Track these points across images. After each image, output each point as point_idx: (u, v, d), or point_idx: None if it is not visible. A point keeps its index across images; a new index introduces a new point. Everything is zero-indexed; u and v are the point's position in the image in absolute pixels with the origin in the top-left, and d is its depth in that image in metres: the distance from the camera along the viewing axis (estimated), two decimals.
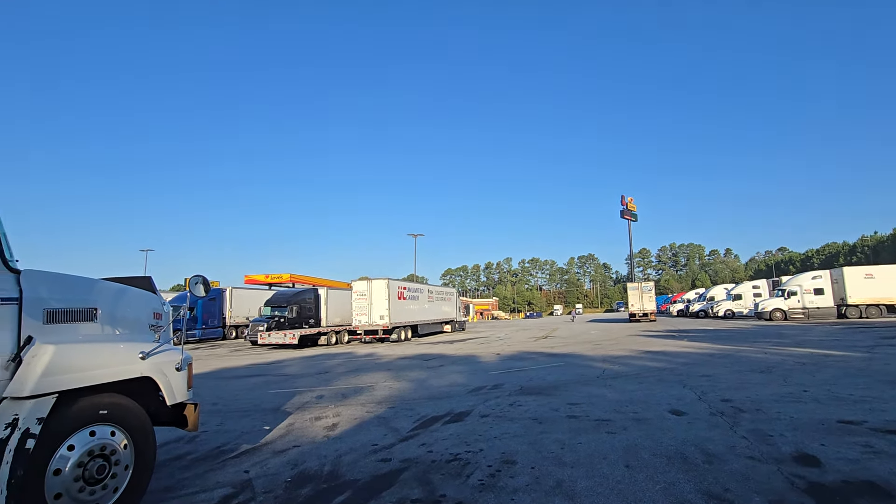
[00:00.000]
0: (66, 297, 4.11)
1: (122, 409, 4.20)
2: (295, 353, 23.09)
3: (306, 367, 16.90)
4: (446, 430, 7.15)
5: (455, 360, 17.36)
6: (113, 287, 4.72)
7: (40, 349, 3.69)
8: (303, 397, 10.60)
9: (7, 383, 3.54)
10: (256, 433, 7.43)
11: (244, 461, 6.00)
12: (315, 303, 31.34)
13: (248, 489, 5.03)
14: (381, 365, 16.83)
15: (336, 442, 6.75)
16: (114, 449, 4.07)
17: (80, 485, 3.81)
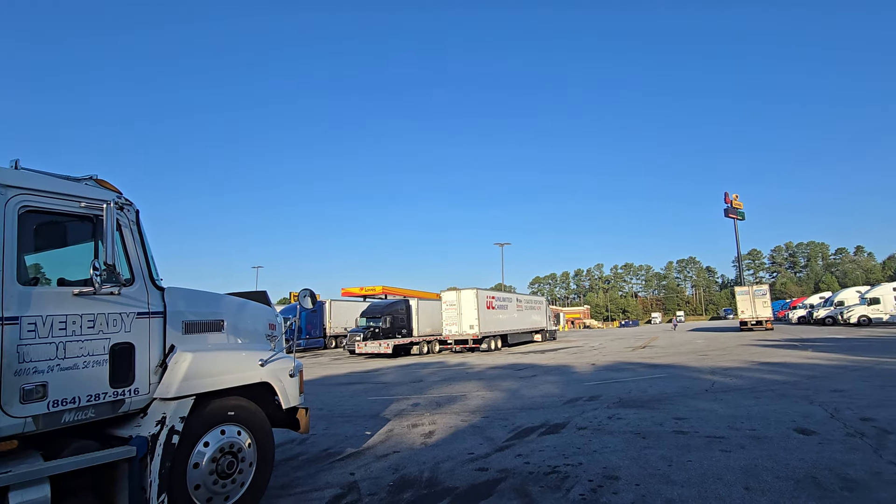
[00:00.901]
0: (198, 311, 4.67)
1: (246, 411, 4.67)
2: (390, 362, 23.98)
3: (401, 376, 17.47)
4: (542, 442, 7.02)
5: (547, 370, 16.98)
6: (235, 301, 5.28)
7: (181, 356, 4.23)
8: (399, 405, 10.97)
9: (156, 386, 4.10)
10: (359, 438, 7.82)
11: (349, 464, 6.35)
12: (407, 313, 32.38)
13: (355, 491, 5.31)
14: (472, 374, 16.94)
15: (433, 449, 6.90)
16: (240, 447, 4.52)
17: (214, 478, 4.28)
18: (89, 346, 3.68)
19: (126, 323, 3.93)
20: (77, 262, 4.26)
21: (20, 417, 3.26)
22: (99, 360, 3.72)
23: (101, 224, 3.82)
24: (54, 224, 3.96)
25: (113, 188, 4.11)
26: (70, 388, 3.54)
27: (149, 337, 4.09)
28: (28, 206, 3.49)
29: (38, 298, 3.47)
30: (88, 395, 3.64)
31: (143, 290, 4.10)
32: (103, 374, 3.74)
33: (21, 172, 3.60)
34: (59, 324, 3.53)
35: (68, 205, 3.71)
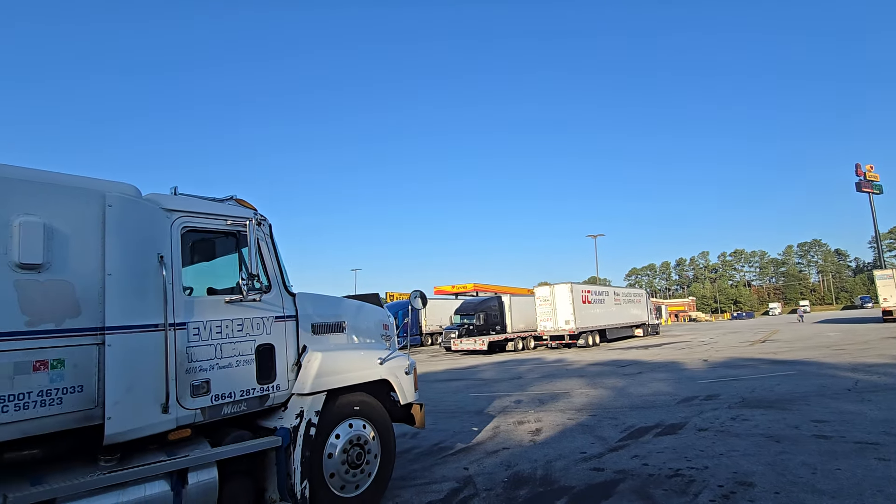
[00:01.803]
0: (323, 313, 5.07)
1: (369, 407, 4.99)
2: (486, 359, 24.18)
3: (500, 373, 17.54)
4: (660, 443, 6.69)
5: (654, 367, 16.09)
6: (354, 303, 5.66)
7: (312, 356, 4.63)
8: (502, 401, 11.04)
9: (294, 383, 4.53)
10: (467, 434, 8.00)
11: (461, 459, 6.53)
12: (500, 310, 32.42)
13: (471, 485, 5.45)
14: (572, 371, 16.54)
15: (543, 447, 6.87)
16: (367, 439, 4.85)
17: (346, 468, 4.63)
18: (240, 346, 4.16)
19: (267, 326, 4.38)
20: (221, 272, 4.84)
21: (192, 409, 3.77)
22: (248, 360, 4.19)
23: (244, 238, 4.30)
24: (205, 240, 4.52)
25: (250, 206, 4.61)
26: (227, 384, 4.03)
27: (285, 338, 4.53)
28: (188, 226, 4.03)
29: (199, 306, 3.99)
30: (241, 390, 4.12)
31: (279, 296, 4.54)
32: (251, 372, 4.21)
33: (181, 198, 4.17)
34: (216, 328, 4.03)
35: (217, 223, 4.22)
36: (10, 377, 2.97)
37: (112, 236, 3.46)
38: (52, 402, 3.12)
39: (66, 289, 3.26)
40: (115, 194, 3.54)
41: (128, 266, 3.51)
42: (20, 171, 3.24)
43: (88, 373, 3.29)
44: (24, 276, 3.10)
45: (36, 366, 3.07)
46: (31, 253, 3.11)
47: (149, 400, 3.50)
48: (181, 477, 3.64)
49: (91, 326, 3.32)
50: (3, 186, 3.11)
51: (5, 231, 3.07)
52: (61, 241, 3.27)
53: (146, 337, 3.54)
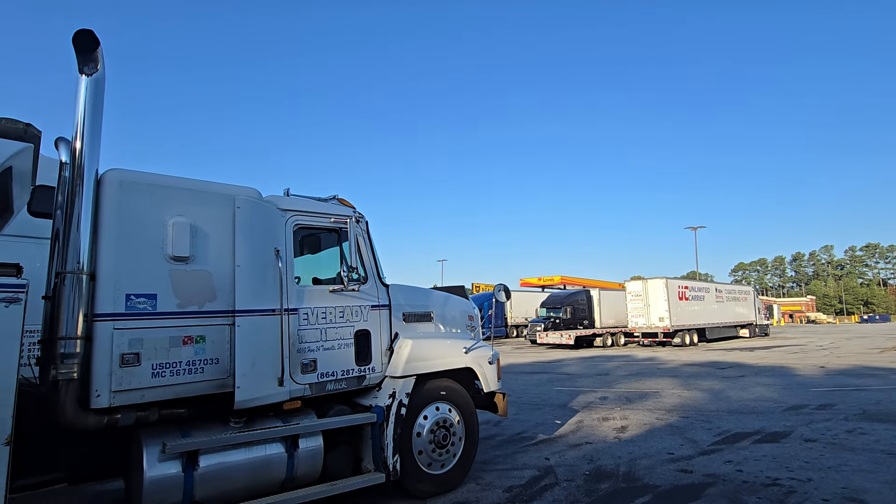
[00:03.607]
0: (413, 303, 5.46)
1: (454, 392, 5.31)
2: (572, 354, 23.76)
3: (585, 368, 17.23)
4: (758, 450, 6.32)
5: (759, 371, 14.88)
6: (441, 295, 6.01)
7: (403, 342, 5.03)
8: (587, 397, 10.92)
9: (387, 366, 4.96)
10: (549, 426, 8.09)
11: (543, 449, 6.66)
12: (588, 304, 31.55)
13: (551, 475, 5.59)
14: (664, 370, 15.80)
15: (628, 445, 6.79)
16: (451, 422, 5.18)
17: (433, 447, 4.99)
18: (341, 331, 4.66)
19: (364, 314, 4.85)
20: (325, 264, 5.40)
21: (302, 384, 4.32)
22: (348, 343, 4.69)
23: (345, 234, 4.78)
24: (312, 236, 5.08)
25: (350, 205, 5.10)
26: (330, 364, 4.54)
27: (380, 325, 4.97)
28: (298, 223, 4.58)
29: (307, 294, 4.53)
30: (342, 370, 4.63)
31: (374, 287, 4.99)
32: (350, 355, 4.70)
33: (293, 198, 4.75)
34: (322, 314, 4.55)
35: (322, 221, 4.74)
36: (166, 349, 3.65)
37: (240, 233, 4.07)
38: (196, 371, 3.78)
39: (206, 277, 3.90)
40: (243, 197, 4.14)
41: (252, 258, 4.10)
42: (172, 180, 3.93)
43: (222, 348, 3.92)
44: (176, 267, 3.78)
45: (185, 340, 3.74)
46: (181, 247, 3.78)
47: (268, 374, 4.08)
48: (294, 442, 4.22)
49: (225, 309, 3.95)
50: (161, 193, 3.80)
51: (162, 230, 3.76)
52: (202, 238, 3.92)
53: (266, 320, 4.12)
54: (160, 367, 3.62)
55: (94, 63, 3.50)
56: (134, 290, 3.58)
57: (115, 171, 3.70)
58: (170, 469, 3.58)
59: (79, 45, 3.45)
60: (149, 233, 3.70)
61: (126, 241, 3.60)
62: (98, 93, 3.56)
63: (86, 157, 3.48)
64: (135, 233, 3.65)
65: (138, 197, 3.71)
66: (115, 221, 3.59)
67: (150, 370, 3.58)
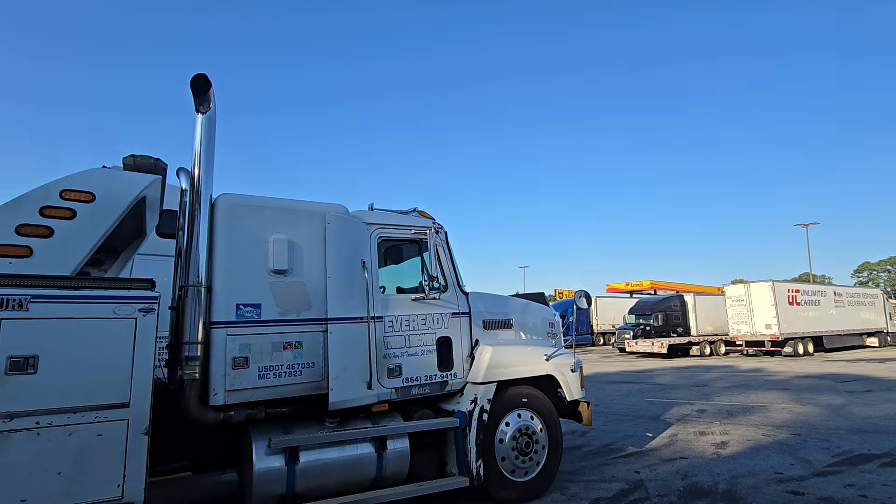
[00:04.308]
0: (492, 311, 5.54)
1: (536, 399, 5.30)
2: (664, 363, 22.38)
3: (680, 378, 16.17)
4: (888, 474, 5.60)
5: (891, 386, 13.06)
6: (520, 302, 6.03)
7: (484, 349, 5.13)
8: (682, 409, 10.28)
9: (468, 372, 5.08)
10: (640, 438, 7.74)
11: (633, 462, 6.40)
12: (682, 310, 29.54)
13: (642, 488, 5.36)
14: (772, 383, 14.39)
15: (728, 462, 6.31)
16: (534, 430, 5.17)
17: (516, 454, 5.02)
18: (423, 338, 4.86)
19: (445, 321, 5.02)
20: (407, 274, 5.65)
21: (388, 388, 4.57)
22: (430, 350, 4.88)
23: (425, 245, 5.00)
24: (394, 247, 5.36)
25: (429, 216, 5.31)
26: (414, 369, 4.75)
27: (461, 332, 5.12)
28: (382, 235, 4.87)
29: (391, 302, 4.79)
30: (426, 375, 4.82)
31: (454, 295, 5.15)
32: (433, 361, 4.88)
33: (376, 212, 5.06)
34: (405, 321, 4.78)
35: (404, 232, 5.00)
36: (269, 353, 4.06)
37: (330, 247, 4.42)
38: (295, 373, 4.16)
39: (302, 288, 4.29)
40: (332, 214, 4.50)
41: (341, 270, 4.44)
42: (272, 201, 4.38)
43: (317, 353, 4.27)
44: (276, 279, 4.19)
45: (285, 345, 4.13)
46: (280, 261, 4.20)
47: (357, 378, 4.36)
48: (382, 443, 4.46)
49: (318, 317, 4.30)
50: (263, 213, 4.26)
51: (264, 246, 4.19)
52: (298, 252, 4.32)
53: (355, 327, 4.42)
54: (265, 369, 4.03)
55: (207, 103, 4.03)
56: (242, 301, 4.02)
57: (225, 195, 4.21)
58: (275, 463, 3.96)
59: (195, 87, 3.99)
60: (253, 249, 4.15)
61: (235, 257, 4.07)
62: (211, 128, 4.08)
63: (202, 184, 4.00)
64: (242, 249, 4.11)
65: (244, 218, 4.18)
66: (226, 240, 4.07)
67: (256, 372, 3.99)
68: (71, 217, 3.53)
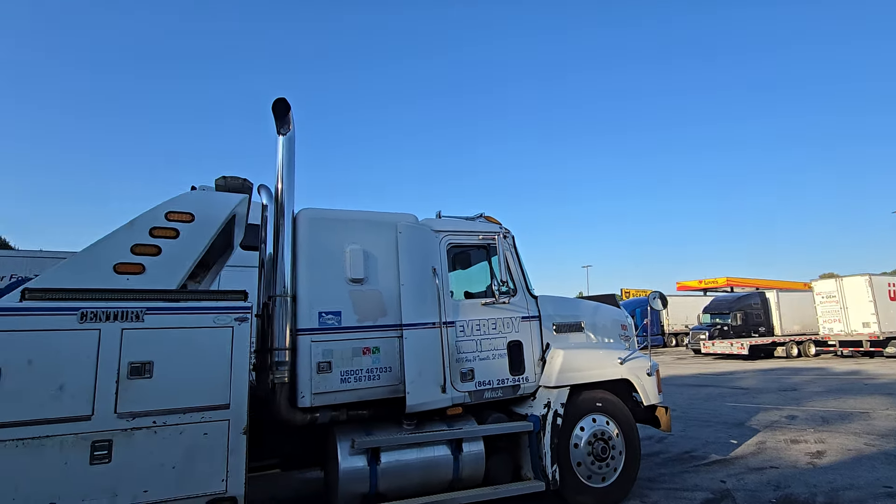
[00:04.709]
0: (562, 314, 5.49)
1: (611, 404, 5.19)
2: (746, 365, 20.96)
3: (764, 382, 15.09)
4: None
5: None
6: (590, 304, 5.93)
7: (555, 353, 5.09)
8: (768, 415, 9.61)
9: (540, 376, 5.07)
10: (723, 445, 7.33)
11: (717, 470, 6.08)
12: (763, 307, 27.51)
13: (729, 499, 5.09)
14: (874, 387, 13.10)
15: (826, 472, 5.85)
16: (610, 435, 5.06)
17: (591, 459, 4.93)
18: (494, 342, 4.91)
19: (515, 325, 5.04)
20: (475, 278, 5.72)
21: (462, 392, 4.66)
22: (501, 354, 4.92)
23: (493, 250, 5.05)
24: (462, 252, 5.45)
25: (496, 221, 5.37)
26: (486, 373, 4.81)
27: (531, 336, 5.11)
28: (451, 242, 4.98)
29: (462, 307, 4.88)
30: (498, 379, 4.86)
31: (523, 299, 5.16)
32: (505, 365, 4.92)
33: (444, 220, 5.18)
34: (476, 326, 4.86)
35: (471, 238, 5.08)
36: (350, 358, 4.27)
37: (402, 255, 4.58)
38: (374, 377, 4.35)
39: (377, 296, 4.48)
40: (403, 223, 4.67)
41: (413, 277, 4.58)
42: (347, 213, 4.62)
43: (394, 357, 4.44)
44: (354, 288, 4.41)
45: (364, 350, 4.33)
46: (357, 270, 4.41)
47: (432, 381, 4.49)
48: (458, 445, 4.56)
49: (394, 323, 4.47)
50: (340, 226, 4.50)
51: (341, 256, 4.42)
52: (373, 261, 4.52)
53: (428, 333, 4.55)
54: (346, 373, 4.24)
55: (287, 125, 4.32)
56: (324, 309, 4.27)
57: (306, 210, 4.48)
58: (358, 463, 4.16)
59: (276, 111, 4.29)
60: (332, 260, 4.40)
61: (316, 268, 4.33)
62: (291, 147, 4.37)
63: (285, 200, 4.29)
64: (322, 260, 4.36)
65: (323, 231, 4.44)
66: (308, 252, 4.34)
67: (339, 376, 4.22)
68: (175, 236, 3.91)
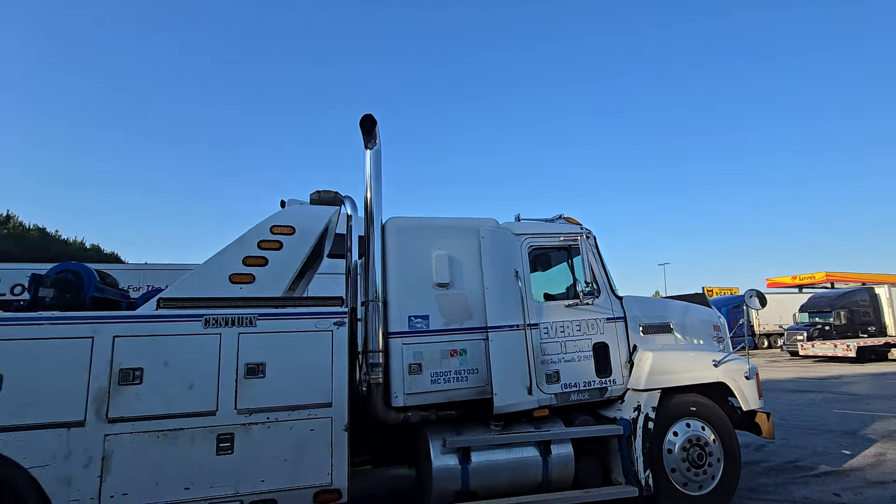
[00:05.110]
0: (649, 314, 5.33)
1: (706, 409, 4.96)
2: (853, 368, 18.98)
3: (879, 387, 13.61)
4: None
5: None
6: (679, 304, 5.70)
7: (643, 355, 4.96)
8: (886, 423, 8.68)
9: (628, 379, 4.96)
10: (833, 456, 6.74)
11: (828, 483, 5.61)
12: (872, 305, 24.73)
13: None
14: None
15: None
16: (706, 441, 4.84)
17: (687, 465, 4.74)
18: (579, 344, 4.87)
19: (600, 326, 4.97)
20: (555, 280, 5.70)
21: (548, 394, 4.66)
22: (587, 355, 4.87)
23: (575, 250, 5.03)
24: (543, 255, 5.46)
25: (576, 222, 5.32)
26: (572, 375, 4.78)
27: (617, 337, 5.02)
28: (532, 245, 5.02)
29: (545, 309, 4.89)
30: (584, 381, 4.82)
31: (607, 300, 5.08)
32: (590, 367, 4.86)
33: (524, 223, 5.22)
34: (560, 327, 4.85)
35: (552, 240, 5.09)
36: (439, 360, 4.43)
37: (485, 259, 4.68)
38: (462, 379, 4.47)
39: (463, 299, 4.61)
40: (485, 228, 4.77)
41: (497, 280, 4.67)
42: (432, 220, 4.80)
43: (480, 359, 4.54)
44: (440, 292, 4.57)
45: (451, 353, 4.47)
46: (442, 275, 4.57)
47: (518, 383, 4.53)
48: (546, 447, 4.56)
49: (479, 326, 4.58)
50: (426, 233, 4.68)
51: (428, 262, 4.59)
52: (457, 266, 4.65)
53: (512, 335, 4.61)
54: (436, 375, 4.40)
55: (374, 140, 4.56)
56: (413, 313, 4.46)
57: (393, 219, 4.71)
58: (450, 461, 4.29)
59: (364, 126, 4.55)
60: (419, 265, 4.58)
61: (405, 273, 4.54)
62: (378, 161, 4.62)
63: (374, 211, 4.53)
64: (410, 266, 4.56)
65: (410, 238, 4.64)
66: (397, 258, 4.55)
67: (429, 377, 4.38)
68: (279, 248, 4.27)
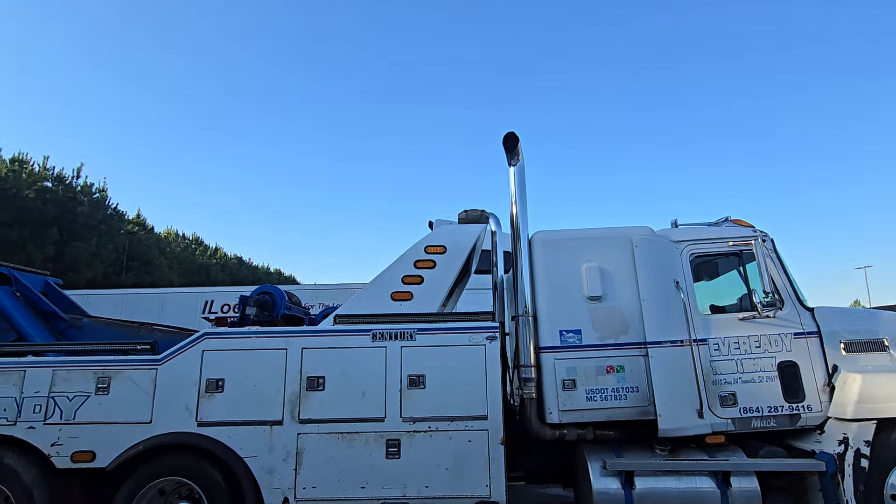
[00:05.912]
0: (853, 329, 4.45)
1: None
2: None
3: None
4: None
5: None
6: (893, 316, 4.67)
7: (848, 377, 4.15)
8: None
9: (827, 405, 4.19)
10: None
11: None
12: None
13: None
14: None
15: None
16: None
17: None
18: (760, 363, 4.28)
19: (786, 343, 4.30)
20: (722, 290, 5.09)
21: (723, 419, 4.16)
22: (770, 376, 4.25)
23: (748, 256, 4.45)
24: (708, 262, 4.93)
25: (748, 224, 4.71)
26: (753, 399, 4.21)
27: (809, 356, 4.29)
28: (694, 252, 4.58)
29: (714, 323, 4.41)
30: (768, 406, 4.20)
31: (793, 312, 4.38)
32: (776, 389, 4.22)
33: (683, 229, 4.80)
34: (734, 343, 4.32)
35: (719, 246, 4.58)
36: (594, 376, 4.25)
37: (640, 269, 4.40)
38: (620, 397, 4.23)
39: (617, 313, 4.38)
40: (638, 237, 4.50)
41: (655, 292, 4.35)
42: (579, 232, 4.68)
43: (640, 377, 4.24)
44: (592, 305, 4.40)
45: (608, 369, 4.27)
46: (594, 288, 4.41)
47: (686, 405, 4.13)
48: (725, 478, 4.05)
49: (636, 341, 4.30)
50: (574, 245, 4.58)
51: (577, 275, 4.47)
52: (609, 278, 4.45)
53: (676, 351, 4.23)
54: (591, 392, 4.23)
55: (517, 156, 4.63)
56: (564, 327, 4.37)
57: (539, 233, 4.70)
58: (612, 485, 4.06)
59: (507, 144, 4.65)
60: (569, 279, 4.48)
61: (554, 287, 4.48)
62: (521, 177, 4.66)
63: (520, 226, 4.57)
64: (559, 280, 4.49)
65: (558, 251, 4.58)
66: (545, 272, 4.52)
67: (584, 394, 4.23)
68: (433, 266, 4.54)
